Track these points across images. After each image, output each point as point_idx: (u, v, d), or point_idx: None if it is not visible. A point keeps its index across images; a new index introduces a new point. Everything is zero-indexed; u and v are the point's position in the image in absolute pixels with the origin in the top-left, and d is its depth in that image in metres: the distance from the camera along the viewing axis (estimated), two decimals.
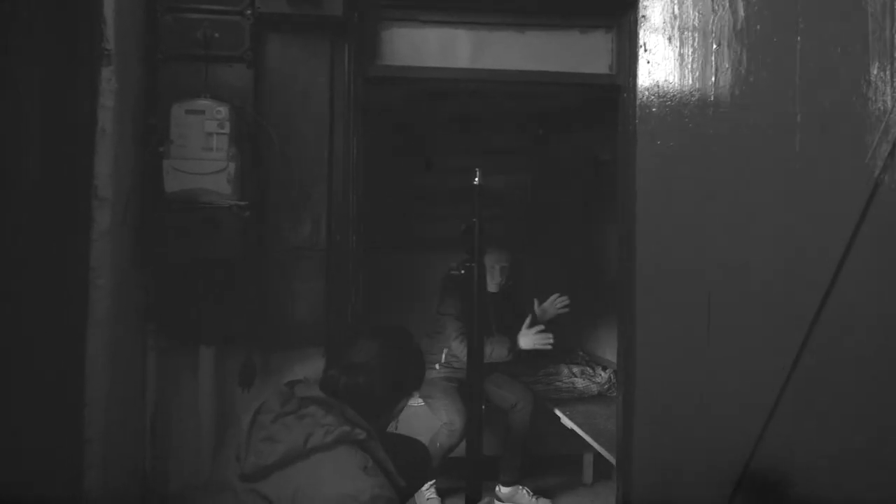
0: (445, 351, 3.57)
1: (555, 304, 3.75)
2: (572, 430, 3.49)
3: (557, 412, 3.69)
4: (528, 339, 3.55)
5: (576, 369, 4.08)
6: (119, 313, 1.79)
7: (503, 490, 3.49)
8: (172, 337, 2.00)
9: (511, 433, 3.54)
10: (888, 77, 1.37)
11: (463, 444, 3.44)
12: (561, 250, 4.73)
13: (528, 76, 2.40)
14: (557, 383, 3.92)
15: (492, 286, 3.67)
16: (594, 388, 3.91)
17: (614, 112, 2.42)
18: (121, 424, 1.79)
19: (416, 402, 3.53)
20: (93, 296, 1.70)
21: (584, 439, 3.39)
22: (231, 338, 2.00)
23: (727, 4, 2.09)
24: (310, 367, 1.67)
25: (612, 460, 2.86)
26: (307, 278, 2.07)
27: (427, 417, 3.48)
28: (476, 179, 1.82)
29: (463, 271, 1.86)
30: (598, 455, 3.22)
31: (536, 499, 3.47)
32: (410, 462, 1.93)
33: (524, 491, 3.49)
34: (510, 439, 3.53)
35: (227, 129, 1.91)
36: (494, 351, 3.48)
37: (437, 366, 3.58)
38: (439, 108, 3.59)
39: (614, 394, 3.64)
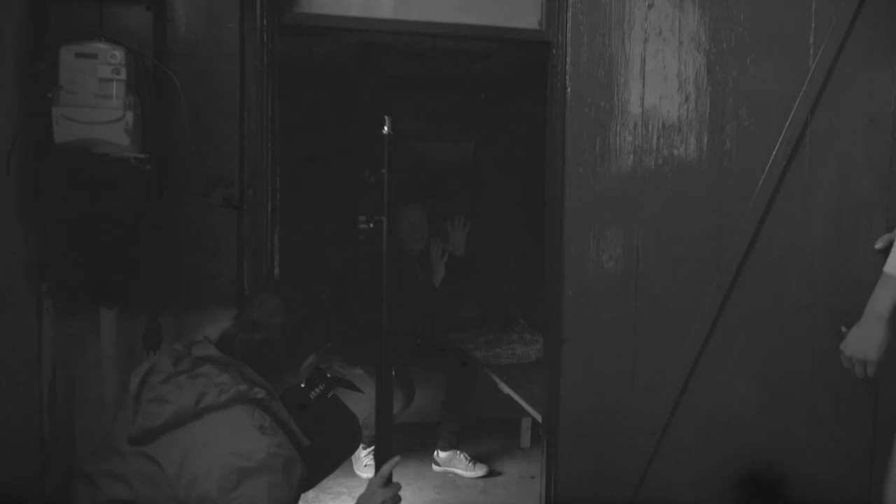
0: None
1: (455, 228, 3.64)
2: (510, 396, 3.50)
3: (494, 378, 3.67)
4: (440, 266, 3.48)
5: (514, 336, 4.07)
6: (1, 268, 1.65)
7: (441, 455, 3.47)
8: (70, 299, 1.86)
9: (449, 399, 3.51)
10: None
11: (419, 410, 3.50)
12: (505, 218, 4.69)
13: (455, 29, 2.30)
14: (496, 349, 3.90)
15: (414, 244, 3.57)
16: (532, 354, 3.90)
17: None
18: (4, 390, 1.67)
19: (357, 370, 3.46)
20: None
21: (520, 405, 3.40)
22: (135, 299, 1.88)
23: None
24: (221, 329, 1.58)
25: None
26: (218, 236, 1.96)
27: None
28: (385, 128, 1.72)
29: (371, 225, 1.77)
30: (535, 420, 3.21)
31: (473, 464, 3.46)
32: (336, 429, 1.87)
33: (462, 455, 3.47)
34: (448, 405, 3.51)
35: (123, 76, 1.76)
36: None
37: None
38: (372, 66, 3.47)
39: None
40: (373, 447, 3.32)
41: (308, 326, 1.59)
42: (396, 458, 1.61)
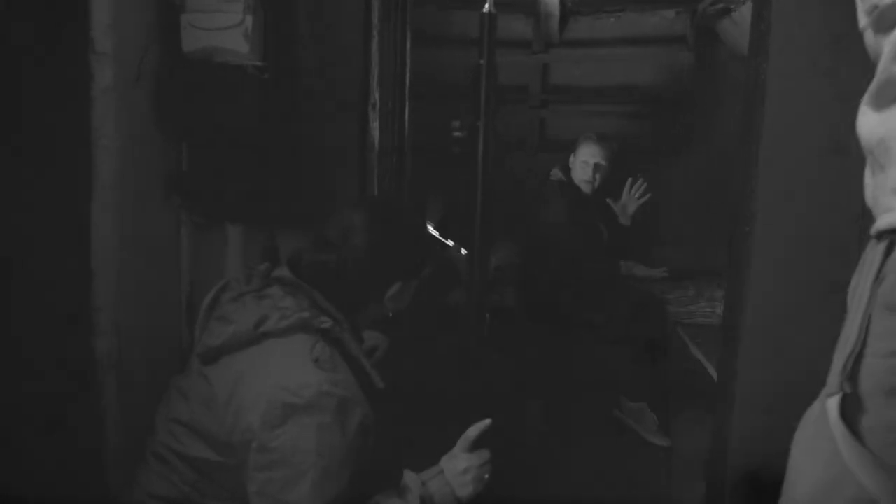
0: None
1: (632, 193, 3.13)
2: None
3: (686, 339, 3.15)
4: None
5: (718, 293, 3.43)
6: (130, 177, 1.66)
7: (629, 404, 3.10)
8: (204, 213, 1.86)
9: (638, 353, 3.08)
10: None
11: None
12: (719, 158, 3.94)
13: None
14: (692, 306, 3.32)
15: (585, 186, 3.13)
16: None
17: None
18: (140, 297, 1.71)
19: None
20: (97, 157, 1.58)
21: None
22: (259, 216, 1.81)
23: None
24: None
25: None
26: (343, 153, 1.80)
27: None
28: (486, 6, 1.36)
29: (466, 133, 1.44)
30: None
31: (660, 432, 3.04)
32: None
33: (652, 417, 3.05)
34: (637, 358, 3.09)
35: None
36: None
37: None
38: None
39: None
40: None
41: (393, 249, 1.36)
42: (486, 421, 1.32)
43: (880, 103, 0.70)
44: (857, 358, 0.71)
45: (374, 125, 1.77)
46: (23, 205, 1.41)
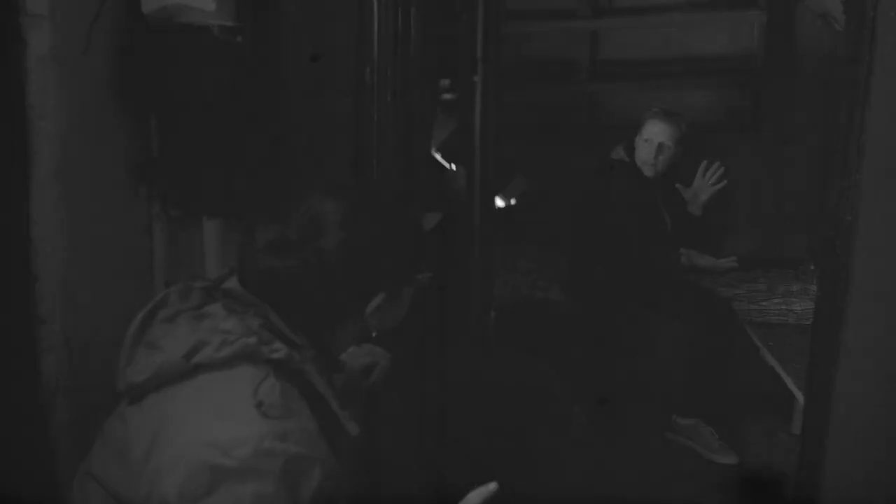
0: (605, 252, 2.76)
1: (706, 179, 2.67)
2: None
3: (757, 342, 2.71)
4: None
5: (795, 287, 2.95)
6: (80, 165, 1.38)
7: (680, 421, 2.69)
8: (177, 205, 1.57)
9: (696, 359, 2.66)
10: None
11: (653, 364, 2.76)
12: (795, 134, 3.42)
13: None
14: (764, 302, 2.86)
15: (646, 168, 2.71)
16: None
17: None
18: (97, 305, 1.43)
19: None
20: (35, 142, 1.31)
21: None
22: (239, 209, 1.51)
23: None
24: None
25: None
26: (332, 128, 1.47)
27: None
28: None
29: (458, 93, 1.06)
30: None
31: (721, 446, 2.63)
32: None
33: (708, 430, 2.65)
34: (695, 366, 2.66)
35: None
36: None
37: None
38: None
39: None
40: None
41: (375, 250, 1.02)
42: (492, 486, 0.96)
43: None
44: None
45: (373, 97, 1.42)
46: None
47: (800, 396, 2.39)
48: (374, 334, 1.09)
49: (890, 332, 1.37)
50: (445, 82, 1.19)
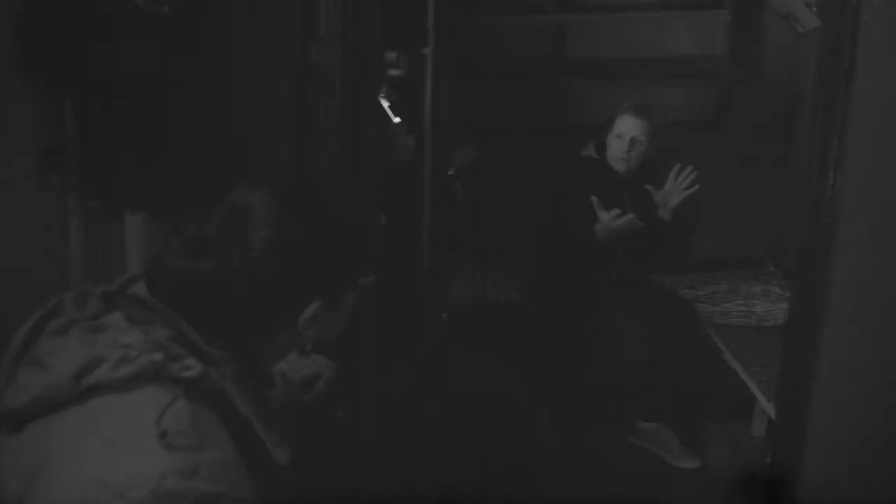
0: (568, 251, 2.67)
1: (678, 182, 2.61)
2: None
3: (719, 343, 2.65)
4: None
5: (757, 287, 2.91)
6: None
7: (643, 425, 2.63)
8: (96, 196, 1.39)
9: (660, 359, 2.59)
10: None
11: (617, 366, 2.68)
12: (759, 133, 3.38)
13: None
14: (727, 304, 2.81)
15: (618, 164, 2.63)
16: (780, 316, 2.73)
17: None
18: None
19: None
20: None
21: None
22: (166, 201, 1.34)
23: None
24: None
25: None
26: (271, 114, 1.31)
27: None
28: None
29: (407, 69, 0.94)
30: None
31: (684, 450, 2.56)
32: None
33: (671, 435, 2.58)
34: (658, 365, 2.59)
35: None
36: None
37: None
38: None
39: None
40: None
41: (312, 252, 0.88)
42: None
43: None
44: None
45: (320, 77, 1.27)
46: None
47: (762, 399, 2.35)
48: (308, 346, 0.94)
49: (868, 332, 1.30)
50: (392, 56, 1.05)
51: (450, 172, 1.46)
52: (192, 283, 0.83)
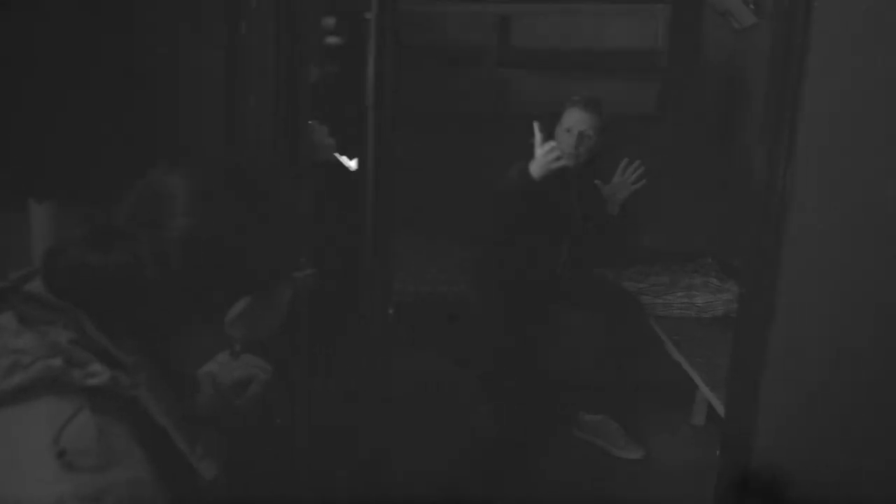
0: (513, 243, 2.63)
1: (625, 177, 2.61)
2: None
3: (663, 336, 2.67)
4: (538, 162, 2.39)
5: (697, 280, 2.95)
6: None
7: (586, 417, 2.61)
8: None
9: (601, 349, 2.58)
10: None
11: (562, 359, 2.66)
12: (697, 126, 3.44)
13: None
14: (668, 296, 2.83)
15: (567, 158, 2.61)
16: (719, 308, 2.78)
17: None
18: None
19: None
20: None
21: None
22: (78, 188, 1.20)
23: None
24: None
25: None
26: (195, 93, 1.20)
27: None
28: None
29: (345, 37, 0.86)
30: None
31: (627, 441, 2.56)
32: None
33: (615, 427, 2.58)
34: (600, 356, 2.58)
35: None
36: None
37: None
38: None
39: None
40: None
41: (238, 242, 0.78)
42: None
43: None
44: None
45: (252, 44, 1.16)
46: None
47: (705, 389, 2.37)
48: (237, 347, 0.85)
49: (818, 324, 1.30)
50: (329, 22, 0.96)
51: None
52: (98, 277, 0.73)
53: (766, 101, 1.23)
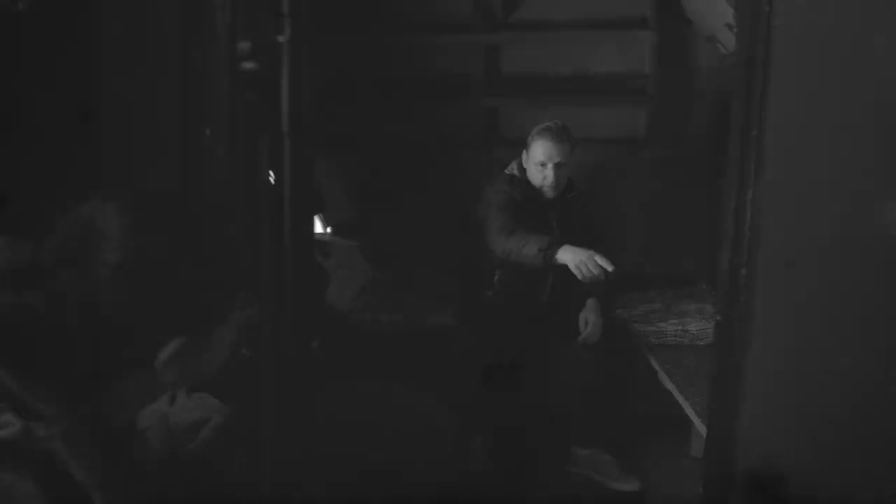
0: (498, 273, 2.60)
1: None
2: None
3: (654, 364, 2.61)
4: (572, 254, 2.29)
5: (691, 306, 2.89)
6: None
7: (580, 452, 2.54)
8: None
9: (592, 383, 2.51)
10: None
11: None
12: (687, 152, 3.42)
13: None
14: (661, 323, 2.77)
15: (548, 191, 2.59)
16: (712, 335, 2.72)
17: None
18: None
19: None
20: None
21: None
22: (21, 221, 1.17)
23: None
24: None
25: None
26: (150, 124, 1.17)
27: None
28: None
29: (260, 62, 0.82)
30: None
31: (622, 473, 2.49)
32: None
33: (608, 458, 2.52)
34: (591, 390, 2.51)
35: None
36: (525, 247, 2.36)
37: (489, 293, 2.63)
38: None
39: None
40: None
41: (173, 279, 0.74)
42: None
43: None
44: None
45: (211, 77, 1.13)
46: None
47: (696, 420, 2.30)
48: (171, 391, 0.80)
49: (795, 348, 1.26)
50: (245, 46, 0.94)
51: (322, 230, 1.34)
52: (12, 320, 0.69)
53: (733, 126, 1.22)
